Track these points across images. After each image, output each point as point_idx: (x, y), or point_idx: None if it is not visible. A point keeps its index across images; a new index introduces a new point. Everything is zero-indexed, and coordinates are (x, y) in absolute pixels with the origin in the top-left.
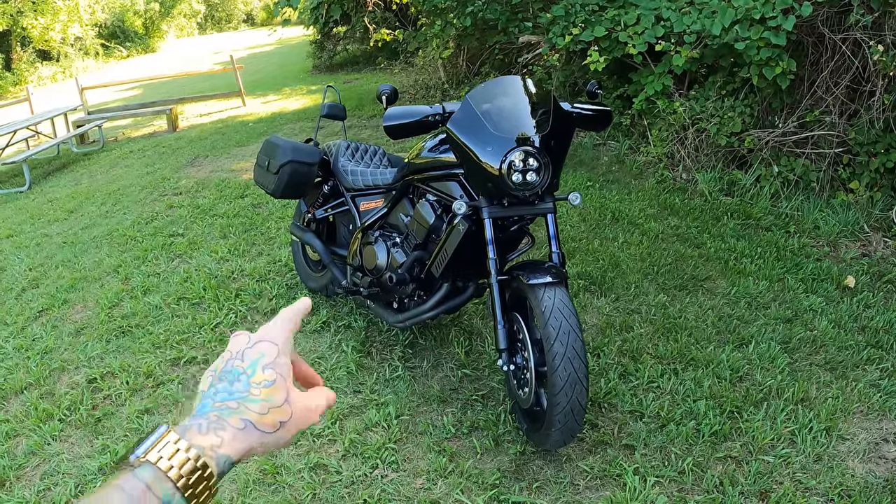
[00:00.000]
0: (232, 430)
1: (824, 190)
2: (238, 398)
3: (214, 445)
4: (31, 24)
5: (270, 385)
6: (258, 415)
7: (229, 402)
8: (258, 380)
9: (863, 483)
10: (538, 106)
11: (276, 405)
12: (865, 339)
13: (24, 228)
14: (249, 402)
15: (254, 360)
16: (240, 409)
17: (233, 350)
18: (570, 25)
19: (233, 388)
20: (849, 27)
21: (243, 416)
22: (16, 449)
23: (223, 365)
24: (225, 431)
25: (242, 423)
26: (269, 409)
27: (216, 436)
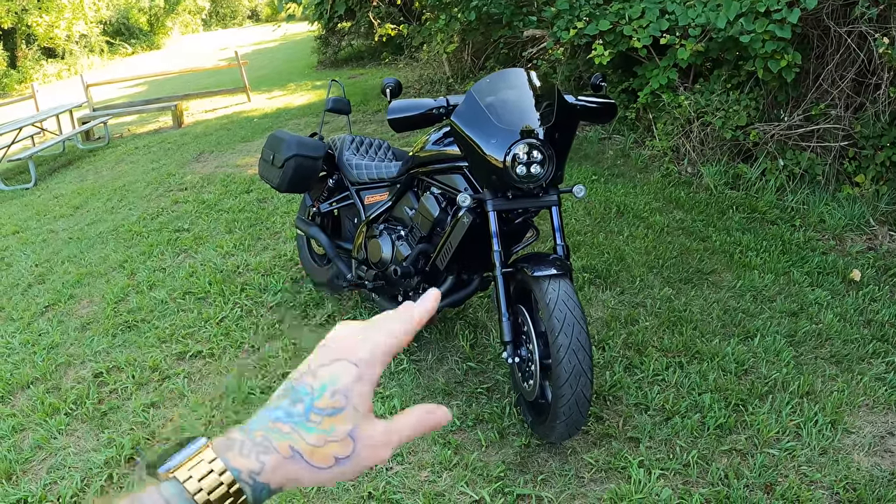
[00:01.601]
0: (277, 458)
1: (830, 183)
2: (294, 422)
3: (253, 472)
4: (36, 21)
5: (335, 414)
6: (311, 446)
7: (282, 425)
8: (322, 405)
9: (868, 476)
10: (542, 98)
11: (336, 439)
12: (871, 333)
13: (30, 224)
14: (304, 430)
15: (324, 382)
16: (291, 436)
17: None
18: (574, 19)
19: (293, 410)
20: (854, 20)
21: (294, 445)
22: (22, 443)
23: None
24: (269, 456)
25: (291, 451)
26: (327, 441)
27: (258, 461)
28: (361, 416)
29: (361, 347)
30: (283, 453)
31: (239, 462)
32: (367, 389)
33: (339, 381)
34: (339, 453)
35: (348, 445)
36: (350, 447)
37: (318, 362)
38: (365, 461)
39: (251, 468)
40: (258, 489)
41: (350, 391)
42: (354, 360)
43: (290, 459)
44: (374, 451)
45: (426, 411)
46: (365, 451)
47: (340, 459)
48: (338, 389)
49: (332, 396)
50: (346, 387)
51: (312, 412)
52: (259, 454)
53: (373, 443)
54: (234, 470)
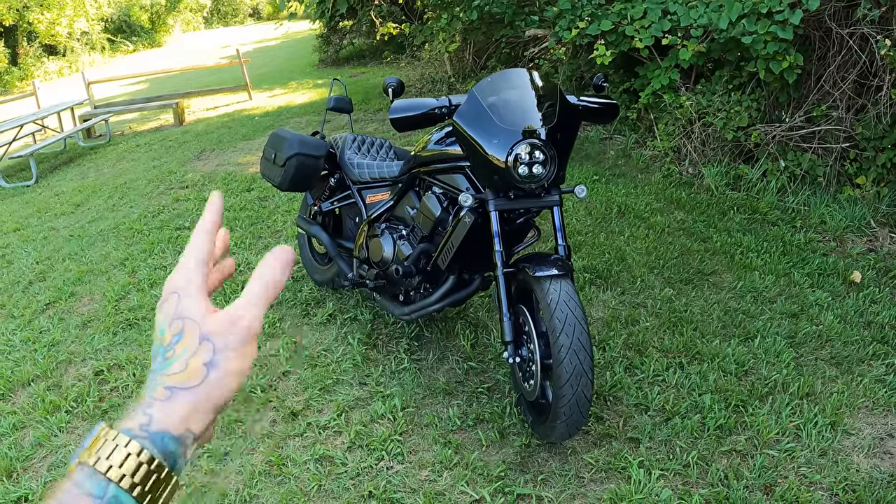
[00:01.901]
0: (159, 404)
1: (831, 185)
2: (158, 370)
3: (143, 425)
4: (38, 18)
5: (181, 338)
6: (178, 373)
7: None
8: (167, 341)
9: (867, 478)
10: (544, 99)
11: (192, 352)
12: (871, 335)
13: (30, 222)
14: (166, 368)
15: (161, 325)
16: (161, 379)
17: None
18: (576, 19)
19: (155, 366)
20: (856, 21)
21: (165, 385)
22: (23, 440)
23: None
24: (153, 407)
25: (167, 391)
26: (187, 361)
27: (144, 414)
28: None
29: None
30: (161, 396)
31: (128, 424)
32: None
33: (168, 313)
34: (203, 360)
35: (206, 347)
36: (209, 347)
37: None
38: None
39: (140, 422)
40: (158, 439)
41: (178, 312)
42: (170, 292)
43: (170, 398)
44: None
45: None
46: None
47: (208, 363)
48: (170, 321)
49: (170, 327)
50: (176, 312)
51: (166, 352)
52: (144, 409)
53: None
54: (126, 431)
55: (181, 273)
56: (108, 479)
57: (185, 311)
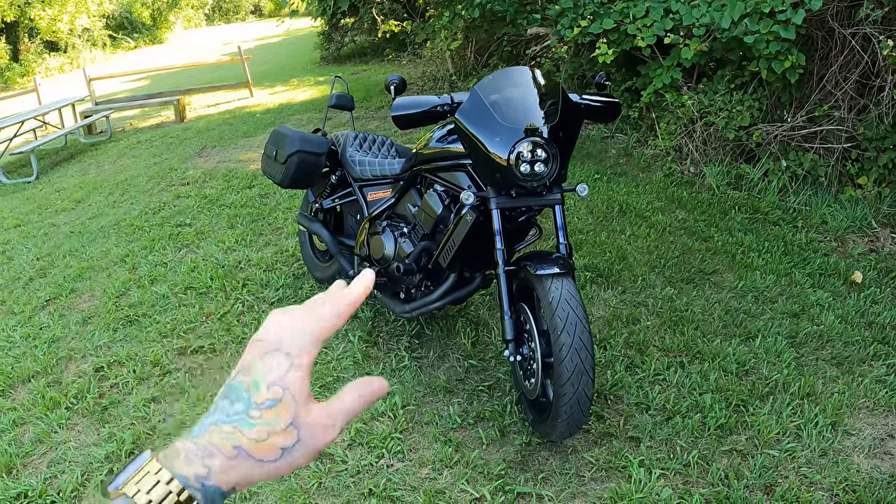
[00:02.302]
0: (222, 459)
1: (832, 185)
2: (234, 422)
3: (200, 476)
4: (39, 15)
5: (274, 406)
6: (254, 441)
7: (224, 427)
8: (260, 399)
9: (868, 478)
10: (546, 97)
11: (279, 429)
12: (872, 335)
13: (31, 218)
14: (245, 427)
15: (257, 377)
16: (234, 435)
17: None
18: (578, 17)
19: (232, 409)
20: (859, 21)
21: (237, 443)
22: (23, 437)
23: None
24: (214, 460)
25: (235, 450)
26: (269, 434)
27: (203, 465)
28: (300, 403)
29: (291, 336)
30: (228, 453)
31: (185, 470)
32: (301, 376)
33: (272, 372)
34: (283, 443)
35: (292, 434)
36: (294, 435)
37: (250, 358)
38: (312, 445)
39: (198, 473)
40: (209, 493)
41: (285, 381)
42: (286, 350)
43: (235, 458)
44: (320, 434)
45: (363, 383)
46: (310, 436)
47: (287, 449)
48: (273, 381)
49: (269, 389)
50: (280, 377)
51: (251, 408)
52: (204, 459)
53: (316, 426)
54: (181, 478)
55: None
56: None
57: (290, 384)
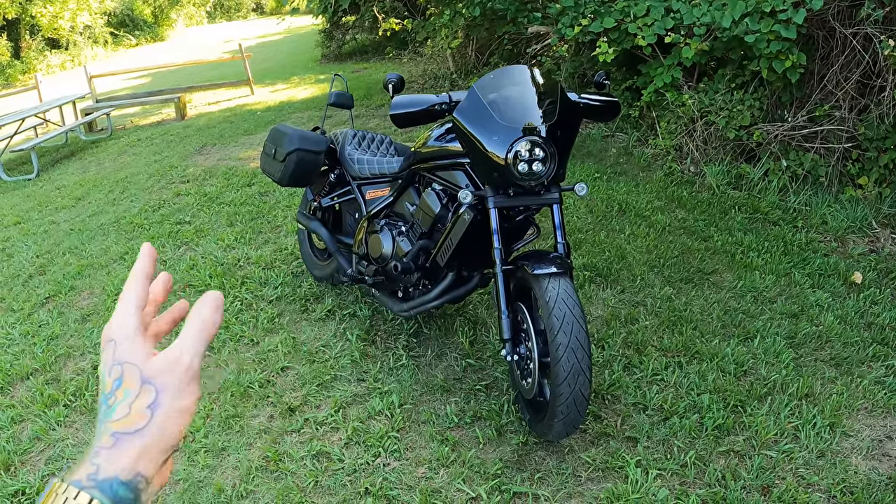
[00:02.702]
0: (105, 452)
1: (833, 185)
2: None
3: (91, 475)
4: (41, 12)
5: (121, 383)
6: (122, 419)
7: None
8: (108, 388)
9: (865, 480)
10: (545, 96)
11: (135, 395)
12: (871, 336)
13: (31, 216)
14: (110, 416)
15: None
16: (106, 427)
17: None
18: (579, 16)
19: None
20: (860, 21)
21: (111, 432)
22: (21, 434)
23: None
24: (99, 456)
25: (112, 438)
26: (129, 405)
27: (91, 464)
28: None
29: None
30: (108, 444)
31: (76, 475)
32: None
33: (106, 360)
34: (146, 402)
35: (148, 390)
36: (150, 389)
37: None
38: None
39: (87, 472)
40: (107, 487)
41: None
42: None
43: (116, 445)
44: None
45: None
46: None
47: (152, 405)
48: (109, 367)
49: (110, 374)
50: (111, 358)
51: (108, 399)
52: (91, 459)
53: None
54: (75, 482)
55: (116, 320)
56: None
57: (122, 356)
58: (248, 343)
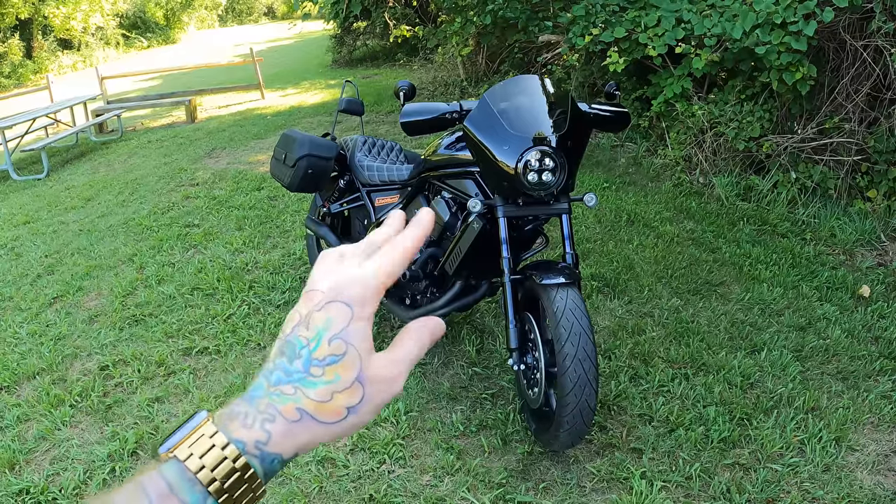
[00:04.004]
0: (283, 423)
1: (842, 198)
2: (295, 381)
3: (259, 442)
4: (53, 12)
5: (337, 362)
6: (317, 403)
7: (284, 387)
8: (322, 355)
9: (870, 495)
10: (556, 106)
11: (343, 388)
12: (879, 350)
13: (41, 215)
14: (307, 387)
15: (319, 330)
16: (296, 396)
17: (301, 311)
18: (590, 26)
19: (291, 368)
20: (870, 34)
21: (299, 405)
22: (26, 433)
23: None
24: (275, 424)
25: (298, 413)
26: (333, 393)
27: (263, 430)
28: (364, 357)
29: (351, 285)
30: (290, 417)
31: (242, 433)
32: (364, 327)
33: (333, 325)
34: (349, 402)
35: (357, 391)
36: (359, 392)
37: (307, 309)
38: (377, 401)
39: (257, 438)
40: (268, 460)
41: (347, 334)
42: (346, 301)
43: (298, 422)
44: (385, 388)
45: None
46: (375, 392)
47: (352, 408)
48: (335, 334)
49: (330, 343)
50: (343, 330)
51: (312, 365)
52: (264, 423)
53: (381, 381)
54: (239, 442)
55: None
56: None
57: (352, 337)
58: (255, 347)
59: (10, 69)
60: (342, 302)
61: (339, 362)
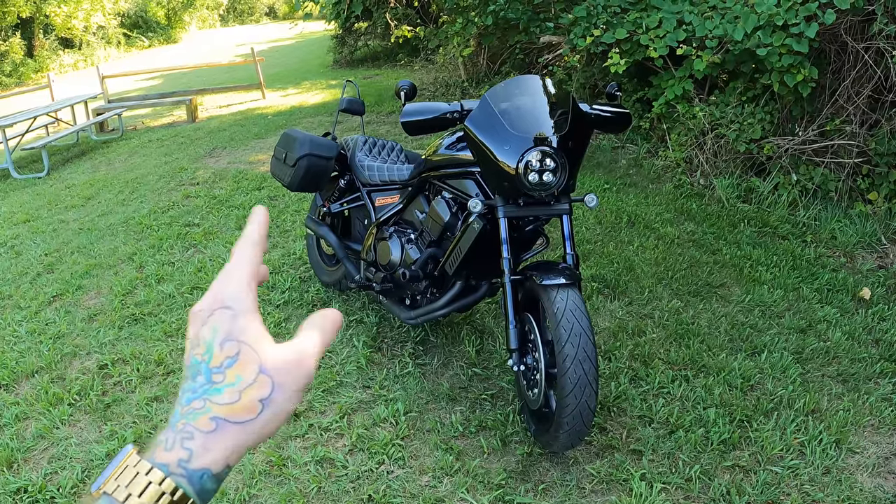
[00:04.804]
0: (201, 437)
1: (842, 200)
2: (202, 394)
3: (182, 460)
4: (55, 11)
5: (235, 362)
6: (228, 406)
7: (194, 404)
8: (218, 362)
9: (871, 498)
10: (557, 106)
11: (248, 384)
12: (879, 352)
13: (41, 214)
14: (214, 395)
15: (208, 342)
16: (206, 407)
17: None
18: (591, 27)
19: (196, 385)
20: (872, 36)
21: (211, 415)
22: (25, 431)
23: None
24: (194, 440)
25: (212, 422)
26: (240, 392)
27: (183, 449)
28: (261, 349)
29: (223, 288)
30: (206, 428)
31: (164, 457)
32: (250, 321)
33: (220, 330)
34: (259, 395)
35: (265, 382)
36: (268, 382)
37: (195, 329)
38: (292, 387)
39: (179, 457)
40: (196, 477)
41: (235, 333)
42: (223, 304)
43: (215, 431)
44: (295, 371)
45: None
46: (285, 378)
47: (265, 399)
48: (224, 338)
49: (223, 347)
50: (229, 331)
51: (213, 374)
52: (183, 441)
53: (288, 365)
54: (162, 466)
55: (233, 286)
56: None
57: (241, 334)
58: None
59: (12, 68)
60: (220, 307)
61: (237, 362)
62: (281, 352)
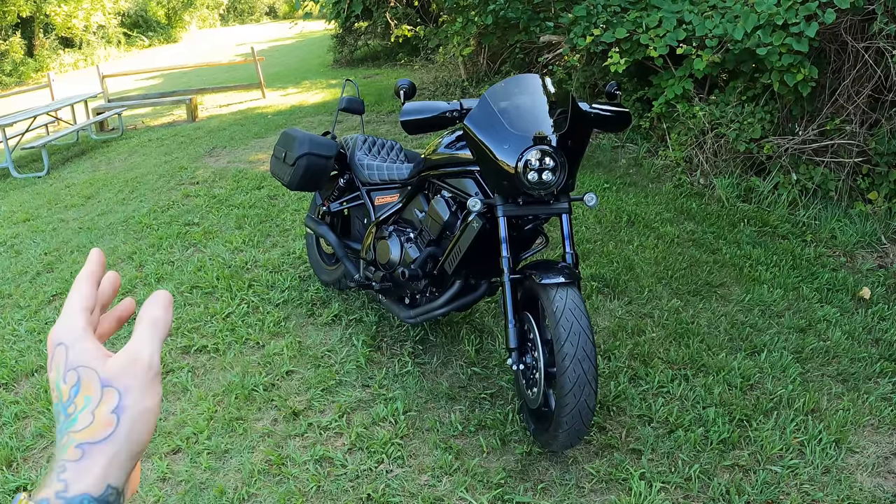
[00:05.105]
0: (73, 466)
1: (842, 199)
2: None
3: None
4: (55, 10)
5: (79, 389)
6: (87, 429)
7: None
8: (66, 395)
9: (870, 497)
10: (556, 105)
11: (96, 403)
12: (879, 352)
13: (40, 213)
14: (72, 425)
15: (56, 381)
16: (70, 438)
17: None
18: (591, 26)
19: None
20: (872, 35)
21: (75, 444)
22: (24, 430)
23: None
24: (67, 472)
25: (79, 451)
26: (92, 412)
27: (59, 481)
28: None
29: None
30: (74, 457)
31: (44, 493)
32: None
33: (60, 366)
34: (109, 407)
35: (110, 394)
36: (113, 393)
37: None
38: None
39: (56, 490)
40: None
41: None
42: (57, 342)
43: (84, 457)
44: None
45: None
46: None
47: (116, 409)
48: (63, 373)
49: (66, 380)
50: (67, 363)
51: (66, 408)
52: (59, 474)
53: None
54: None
55: (62, 323)
56: None
57: (76, 361)
58: (254, 346)
59: (12, 67)
60: (55, 347)
61: (81, 388)
62: (116, 359)
